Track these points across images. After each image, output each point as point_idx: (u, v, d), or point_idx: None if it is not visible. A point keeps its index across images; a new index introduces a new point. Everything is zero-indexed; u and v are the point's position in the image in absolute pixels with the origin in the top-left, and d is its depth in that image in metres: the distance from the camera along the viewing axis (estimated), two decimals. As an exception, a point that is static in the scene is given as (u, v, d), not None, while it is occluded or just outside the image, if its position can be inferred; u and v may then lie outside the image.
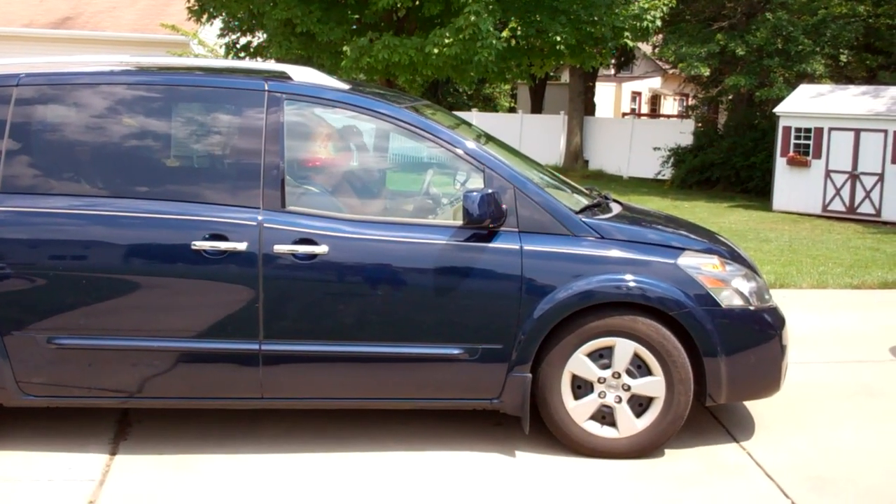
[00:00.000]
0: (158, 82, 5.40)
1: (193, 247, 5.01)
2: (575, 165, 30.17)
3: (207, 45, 24.11)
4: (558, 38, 18.65)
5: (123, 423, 5.63)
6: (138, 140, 5.24)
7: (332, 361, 5.20)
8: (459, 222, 5.20)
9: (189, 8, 20.70)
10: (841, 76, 26.59)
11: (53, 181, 5.13)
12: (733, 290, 5.38)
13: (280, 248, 5.05)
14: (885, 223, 18.61)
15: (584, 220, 5.37)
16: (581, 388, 5.31)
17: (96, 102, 5.22)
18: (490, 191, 5.10)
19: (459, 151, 5.38)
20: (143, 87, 5.33)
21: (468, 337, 5.19)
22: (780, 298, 6.05)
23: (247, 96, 5.29)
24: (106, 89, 5.27)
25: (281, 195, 5.15)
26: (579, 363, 5.26)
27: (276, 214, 5.12)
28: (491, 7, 17.39)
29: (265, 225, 5.08)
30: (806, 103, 20.39)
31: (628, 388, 5.29)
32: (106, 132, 5.20)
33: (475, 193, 5.06)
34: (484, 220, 5.07)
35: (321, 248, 5.07)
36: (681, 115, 37.26)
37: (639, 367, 5.29)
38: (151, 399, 5.27)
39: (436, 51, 17.27)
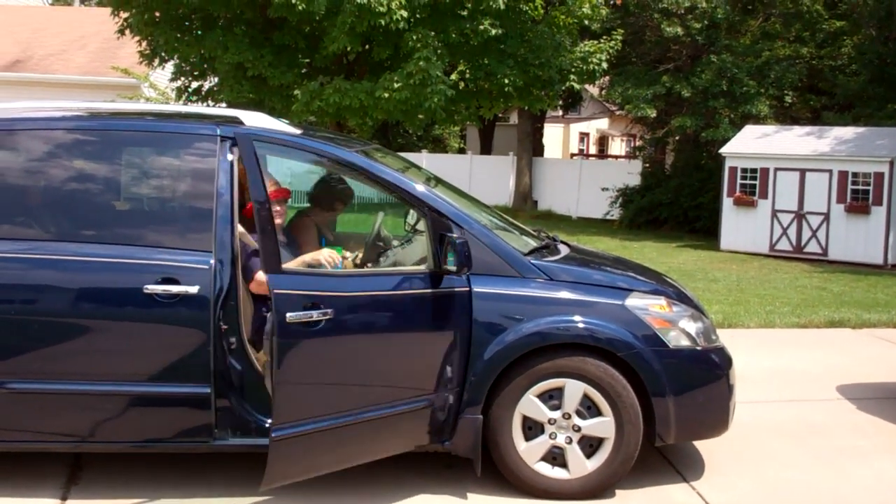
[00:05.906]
0: (111, 127, 5.40)
1: (146, 291, 5.00)
2: (524, 206, 30.36)
3: (159, 88, 24.08)
4: (506, 81, 18.91)
5: (75, 467, 5.58)
6: (92, 185, 5.22)
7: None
8: (409, 267, 5.23)
9: (141, 52, 20.67)
10: (785, 117, 27.03)
11: (6, 226, 5.09)
12: (680, 331, 5.44)
13: (232, 293, 5.05)
14: (831, 262, 18.87)
15: (532, 261, 5.43)
16: (532, 429, 5.34)
17: (51, 149, 5.20)
18: (464, 238, 5.04)
19: (409, 195, 5.40)
20: (95, 133, 5.33)
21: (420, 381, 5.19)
22: (728, 338, 6.14)
23: (199, 141, 5.30)
24: (58, 135, 5.25)
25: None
26: (530, 404, 5.29)
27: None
28: (439, 52, 17.55)
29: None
30: (751, 144, 20.69)
31: (579, 429, 5.33)
32: (60, 178, 5.20)
33: (458, 240, 4.98)
34: (463, 267, 5.03)
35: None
36: (628, 156, 37.63)
37: (588, 408, 5.32)
38: (104, 444, 5.19)
39: (386, 95, 17.42)
